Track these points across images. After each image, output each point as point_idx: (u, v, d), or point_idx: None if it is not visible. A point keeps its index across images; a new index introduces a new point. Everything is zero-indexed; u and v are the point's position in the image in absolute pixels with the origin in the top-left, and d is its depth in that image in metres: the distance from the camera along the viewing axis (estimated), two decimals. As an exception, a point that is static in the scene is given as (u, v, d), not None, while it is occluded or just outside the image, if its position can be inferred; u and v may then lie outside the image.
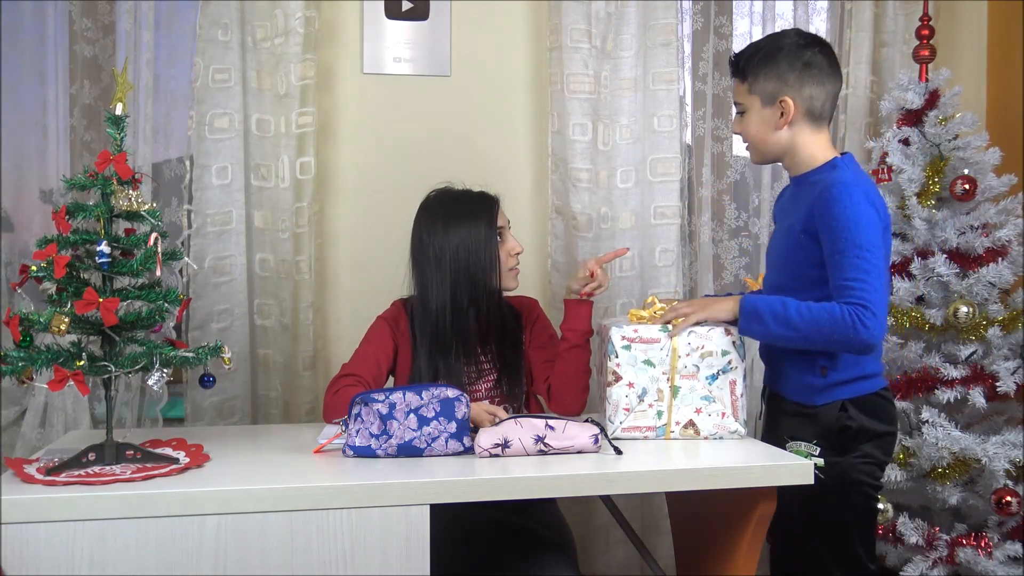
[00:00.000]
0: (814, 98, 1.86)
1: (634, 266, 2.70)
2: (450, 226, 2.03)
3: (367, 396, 1.70)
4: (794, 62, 1.84)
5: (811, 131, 1.88)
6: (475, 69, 2.72)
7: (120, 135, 1.62)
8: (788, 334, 1.76)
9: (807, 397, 1.86)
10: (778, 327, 1.76)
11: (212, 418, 2.48)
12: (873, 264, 1.73)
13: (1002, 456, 2.38)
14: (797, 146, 1.88)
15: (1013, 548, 2.43)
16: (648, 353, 1.82)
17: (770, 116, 1.87)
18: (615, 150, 2.68)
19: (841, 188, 1.77)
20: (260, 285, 2.54)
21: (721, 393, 1.82)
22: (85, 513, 1.43)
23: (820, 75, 1.85)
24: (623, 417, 1.84)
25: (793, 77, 1.84)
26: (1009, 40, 2.95)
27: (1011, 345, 2.52)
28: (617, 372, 1.84)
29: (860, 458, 1.84)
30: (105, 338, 1.60)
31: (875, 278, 1.72)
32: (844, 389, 1.84)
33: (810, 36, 1.93)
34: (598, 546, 2.74)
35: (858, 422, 1.83)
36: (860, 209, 1.75)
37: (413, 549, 1.52)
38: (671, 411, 1.83)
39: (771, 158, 1.95)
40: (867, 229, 1.74)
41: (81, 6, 2.51)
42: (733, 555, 1.76)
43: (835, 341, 1.74)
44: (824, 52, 1.87)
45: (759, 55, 1.87)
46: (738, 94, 1.92)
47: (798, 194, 1.91)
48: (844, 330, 1.70)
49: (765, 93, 1.86)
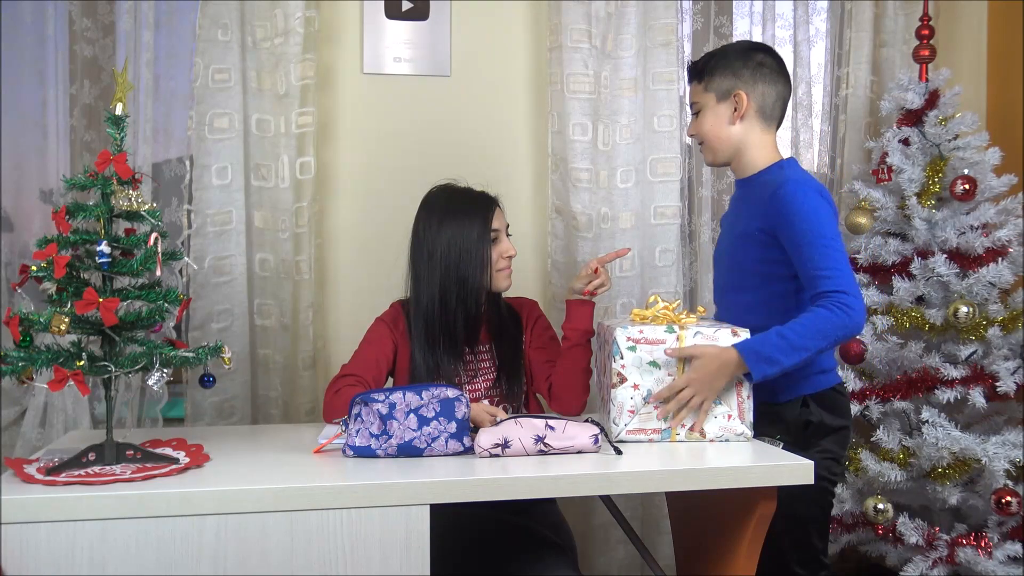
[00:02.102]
0: (765, 95, 1.96)
1: (634, 266, 2.70)
2: (445, 222, 2.04)
3: (367, 396, 1.70)
4: (747, 61, 1.96)
5: (761, 131, 1.97)
6: (475, 69, 2.72)
7: (120, 135, 1.62)
8: (800, 356, 1.78)
9: (770, 395, 1.89)
10: (789, 356, 1.77)
11: (212, 418, 2.48)
12: (839, 251, 1.81)
13: (1002, 456, 2.38)
14: (747, 145, 1.97)
15: (1013, 548, 2.43)
16: (654, 354, 1.81)
17: (724, 111, 1.96)
18: (615, 150, 2.68)
19: (793, 185, 1.86)
20: (260, 285, 2.54)
21: (728, 395, 1.81)
22: (85, 513, 1.43)
23: (771, 75, 1.96)
24: (628, 419, 1.81)
25: (747, 74, 1.95)
26: (1009, 40, 2.95)
27: (1011, 345, 2.52)
28: (622, 374, 1.81)
29: (820, 453, 1.88)
30: (105, 338, 1.60)
31: (843, 263, 1.80)
32: (804, 384, 1.90)
33: (761, 44, 2.10)
34: (598, 546, 2.75)
35: (818, 417, 1.90)
36: (814, 203, 1.84)
37: (413, 549, 1.52)
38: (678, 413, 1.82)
39: (724, 156, 2.00)
40: (825, 222, 1.83)
41: (81, 6, 2.51)
42: (733, 555, 1.76)
43: (838, 337, 1.79)
44: (774, 57, 2.01)
45: (716, 56, 2.00)
46: (694, 95, 2.03)
47: (746, 196, 1.99)
48: (838, 323, 1.76)
49: (720, 90, 1.96)
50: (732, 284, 2.00)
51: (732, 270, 2.00)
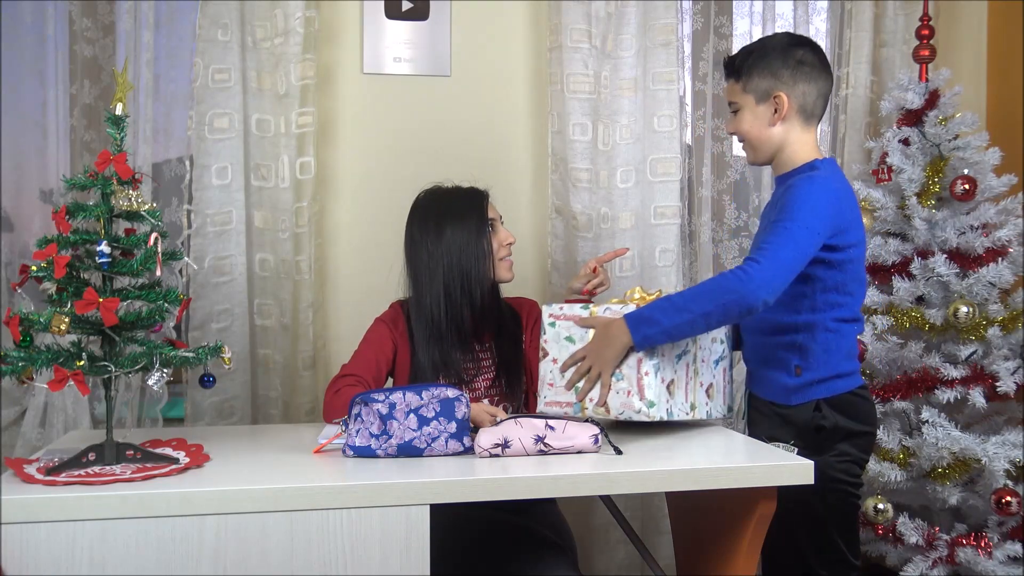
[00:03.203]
0: (806, 95, 1.89)
1: (634, 266, 2.70)
2: (442, 223, 2.04)
3: (367, 396, 1.70)
4: (787, 59, 1.89)
5: (801, 129, 1.91)
6: (475, 69, 2.72)
7: (120, 135, 1.62)
8: (683, 318, 1.73)
9: (783, 397, 1.88)
10: (670, 317, 1.73)
11: (212, 418, 2.48)
12: (792, 235, 1.73)
13: (1002, 456, 2.38)
14: (787, 144, 1.92)
15: (1013, 548, 2.43)
16: (570, 330, 1.85)
17: (764, 113, 1.90)
18: (615, 150, 2.68)
19: (806, 177, 1.83)
20: (260, 285, 2.54)
21: (629, 372, 1.78)
22: (85, 513, 1.43)
23: (812, 72, 1.89)
24: (547, 392, 1.87)
25: (787, 74, 1.88)
26: (1009, 40, 2.95)
27: (1011, 345, 2.52)
28: (545, 348, 1.89)
29: (836, 457, 1.86)
30: (105, 338, 1.60)
31: (787, 246, 1.72)
32: (818, 389, 1.87)
33: (802, 37, 2.00)
34: (598, 546, 2.75)
35: (832, 421, 1.86)
36: (814, 196, 1.79)
37: (413, 549, 1.52)
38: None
39: (766, 156, 1.96)
40: (811, 214, 1.76)
41: (81, 6, 2.51)
42: (733, 555, 1.76)
43: (725, 302, 1.70)
44: (815, 52, 1.92)
45: (753, 54, 1.92)
46: (732, 94, 1.96)
47: (778, 193, 1.95)
48: (728, 286, 1.70)
49: (759, 91, 1.90)
50: None
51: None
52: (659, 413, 1.78)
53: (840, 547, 1.89)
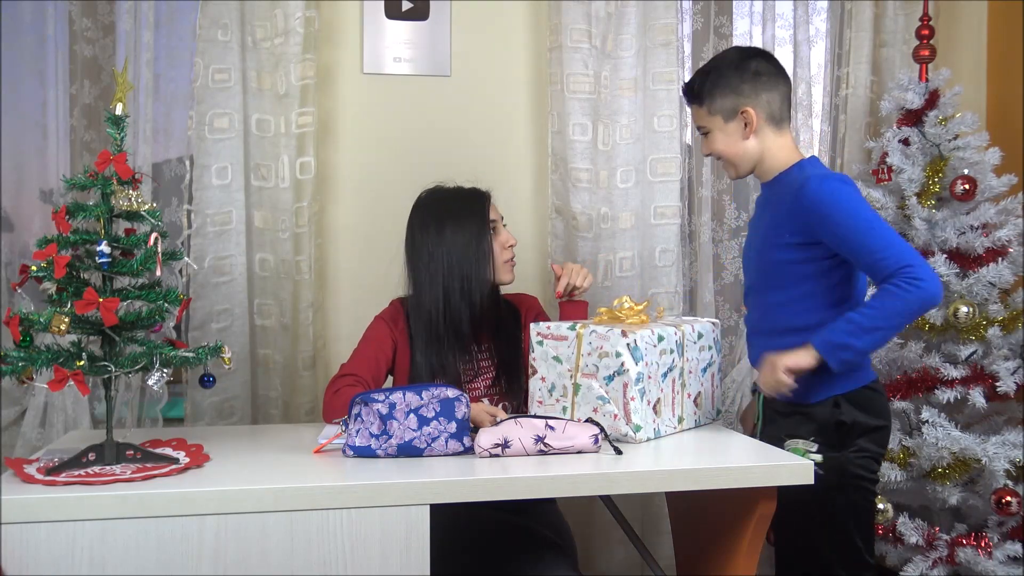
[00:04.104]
0: (771, 103, 1.94)
1: (634, 266, 2.70)
2: (443, 223, 2.04)
3: (367, 396, 1.70)
4: (744, 74, 1.93)
5: (775, 135, 1.95)
6: (475, 69, 2.72)
7: (120, 135, 1.62)
8: (875, 338, 1.79)
9: (800, 396, 1.88)
10: (862, 339, 1.78)
11: (212, 418, 2.48)
12: (884, 228, 1.79)
13: (1002, 456, 2.38)
14: (765, 152, 1.95)
15: (1013, 548, 2.43)
16: (557, 350, 1.87)
17: (735, 129, 1.94)
18: (615, 150, 2.68)
19: (816, 182, 1.84)
20: (260, 285, 2.54)
21: (616, 395, 1.80)
22: (85, 513, 1.43)
23: (770, 81, 1.94)
24: (536, 409, 1.90)
25: (747, 88, 1.92)
26: (1009, 40, 2.95)
27: (1011, 345, 2.52)
28: (534, 366, 1.91)
29: (856, 452, 1.87)
30: (105, 338, 1.60)
31: (894, 238, 1.78)
32: (835, 384, 1.87)
33: (751, 48, 2.06)
34: (598, 546, 2.75)
35: (851, 416, 1.87)
36: (842, 192, 1.83)
37: (413, 549, 1.52)
38: (573, 408, 1.85)
39: (747, 170, 1.99)
40: (859, 204, 1.82)
41: (81, 6, 2.51)
42: (733, 555, 1.76)
43: (910, 312, 1.77)
44: (768, 60, 1.98)
45: (710, 76, 1.96)
46: (698, 118, 2.00)
47: (770, 197, 1.97)
48: (909, 297, 1.73)
49: (725, 110, 1.94)
50: (760, 285, 1.98)
51: (760, 271, 1.97)
52: (646, 435, 1.81)
53: (858, 545, 1.89)
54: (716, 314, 2.82)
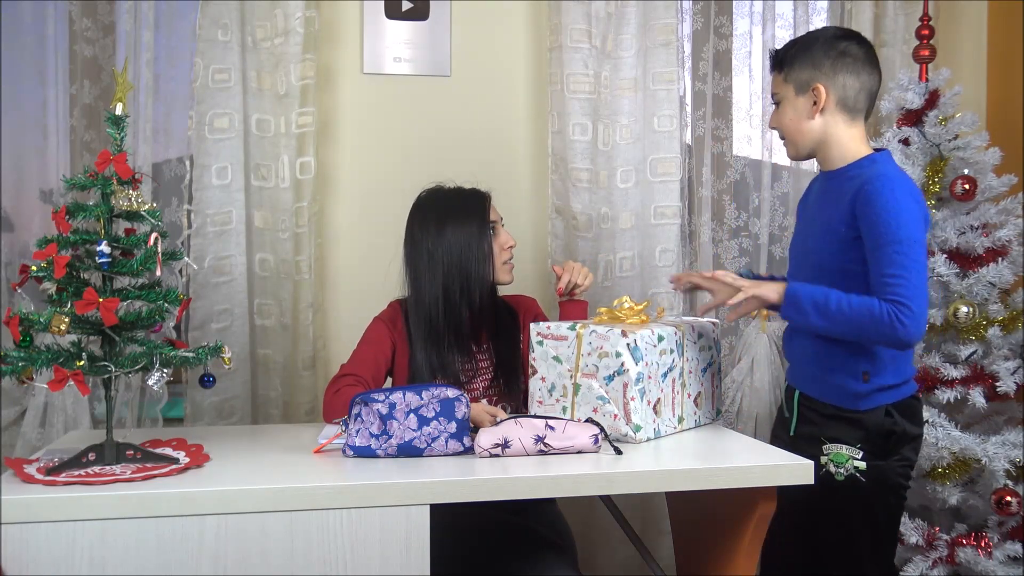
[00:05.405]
0: (847, 87, 1.86)
1: (634, 266, 2.70)
2: (443, 224, 2.04)
3: (367, 396, 1.70)
4: (829, 51, 1.86)
5: (845, 124, 1.88)
6: (475, 69, 2.72)
7: (120, 135, 1.62)
8: (826, 325, 1.77)
9: (849, 402, 1.85)
10: (817, 317, 1.77)
11: (212, 418, 2.48)
12: (913, 260, 1.73)
13: (1002, 456, 2.38)
14: (831, 138, 1.89)
15: (1013, 548, 2.43)
16: (557, 350, 1.87)
17: (803, 105, 1.88)
18: (615, 150, 2.68)
19: (884, 182, 1.78)
20: (260, 285, 2.54)
21: (615, 395, 1.80)
22: (85, 513, 1.43)
23: (855, 65, 1.86)
24: (536, 409, 1.90)
25: (828, 65, 1.86)
26: (1009, 40, 2.95)
27: (1011, 345, 2.52)
28: (534, 366, 1.91)
29: (899, 461, 1.87)
30: (105, 338, 1.60)
31: (915, 274, 1.72)
32: (888, 394, 1.85)
33: (851, 31, 1.96)
34: (598, 546, 2.74)
35: (901, 427, 1.85)
36: (903, 204, 1.76)
37: (413, 549, 1.52)
38: (573, 408, 1.85)
39: (806, 151, 1.93)
40: (909, 224, 1.74)
41: (81, 6, 2.51)
42: (733, 555, 1.76)
43: (872, 338, 1.76)
44: (862, 45, 1.89)
45: (798, 44, 1.91)
46: (775, 85, 1.95)
47: (832, 189, 1.90)
48: (881, 327, 1.71)
49: (799, 81, 1.88)
50: (807, 279, 1.89)
51: (809, 265, 1.92)
52: (646, 435, 1.81)
53: (887, 548, 1.91)
54: (716, 314, 2.82)
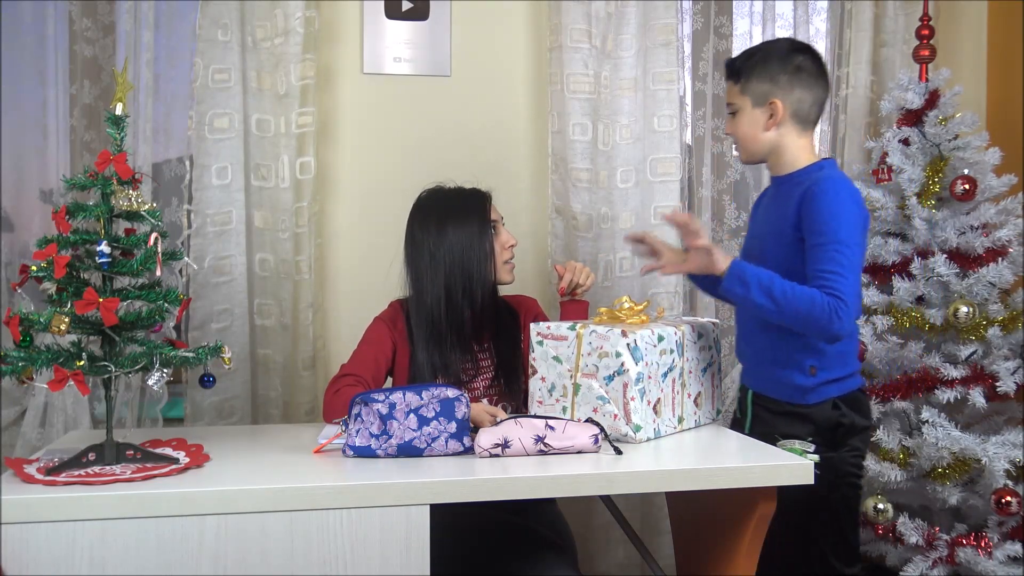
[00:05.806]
0: (802, 101, 1.93)
1: (634, 266, 2.70)
2: (444, 224, 2.04)
3: (367, 396, 1.70)
4: (786, 65, 1.92)
5: (797, 134, 1.95)
6: (475, 69, 2.72)
7: (120, 135, 1.62)
8: (766, 305, 1.80)
9: (797, 397, 1.91)
10: (759, 295, 1.80)
11: (212, 418, 2.48)
12: (849, 259, 1.80)
13: (1002, 456, 2.38)
14: (783, 147, 1.95)
15: (1013, 548, 2.43)
16: (557, 350, 1.87)
17: (759, 116, 1.94)
18: (615, 150, 2.68)
19: (829, 184, 1.85)
20: (260, 285, 2.54)
21: (616, 395, 1.80)
22: (85, 513, 1.43)
23: (809, 80, 1.93)
24: (536, 409, 1.90)
25: (784, 79, 1.92)
26: (1009, 40, 2.95)
27: (1011, 345, 2.52)
28: (534, 366, 1.91)
29: (849, 452, 1.92)
30: (105, 338, 1.60)
31: (850, 272, 1.79)
32: (834, 387, 1.91)
33: (803, 44, 2.03)
34: (598, 546, 2.75)
35: (849, 418, 1.92)
36: (845, 206, 1.83)
37: (413, 549, 1.52)
38: (573, 408, 1.85)
39: (758, 158, 2.01)
40: (848, 226, 1.82)
41: (81, 6, 2.51)
42: (733, 555, 1.76)
43: (808, 325, 1.80)
44: (814, 59, 1.96)
45: (754, 57, 1.95)
46: (731, 95, 2.00)
47: (781, 194, 1.97)
48: (820, 317, 1.76)
49: (756, 94, 1.94)
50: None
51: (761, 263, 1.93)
52: (646, 435, 1.81)
53: (849, 537, 1.95)
54: (716, 314, 2.82)
